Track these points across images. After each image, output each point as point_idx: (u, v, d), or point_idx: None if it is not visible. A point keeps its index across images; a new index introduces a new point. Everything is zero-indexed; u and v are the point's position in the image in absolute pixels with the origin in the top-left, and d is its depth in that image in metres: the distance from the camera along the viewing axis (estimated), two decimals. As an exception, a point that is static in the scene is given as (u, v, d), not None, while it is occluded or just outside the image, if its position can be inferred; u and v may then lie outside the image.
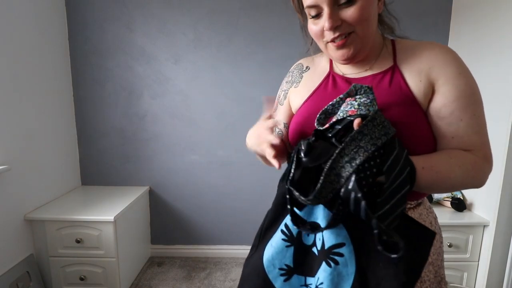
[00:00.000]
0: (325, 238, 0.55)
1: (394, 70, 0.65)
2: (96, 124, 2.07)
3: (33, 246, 1.67)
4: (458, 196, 1.79)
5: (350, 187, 0.47)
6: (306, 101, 0.72)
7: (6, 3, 1.48)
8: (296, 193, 0.51)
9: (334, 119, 0.55)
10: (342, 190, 0.48)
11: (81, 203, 1.82)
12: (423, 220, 0.67)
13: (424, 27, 1.96)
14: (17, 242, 1.57)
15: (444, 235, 1.65)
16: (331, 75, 0.72)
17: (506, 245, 1.55)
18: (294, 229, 0.58)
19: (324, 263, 0.54)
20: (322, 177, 0.48)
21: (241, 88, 2.04)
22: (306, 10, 0.63)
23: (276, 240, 0.59)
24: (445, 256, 1.77)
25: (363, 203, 0.46)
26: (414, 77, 0.63)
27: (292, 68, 0.82)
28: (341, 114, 0.54)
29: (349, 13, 0.59)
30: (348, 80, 0.69)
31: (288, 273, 0.58)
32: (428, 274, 0.66)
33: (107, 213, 1.65)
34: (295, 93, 0.76)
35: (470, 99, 0.61)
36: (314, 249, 0.57)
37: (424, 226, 0.54)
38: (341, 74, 0.71)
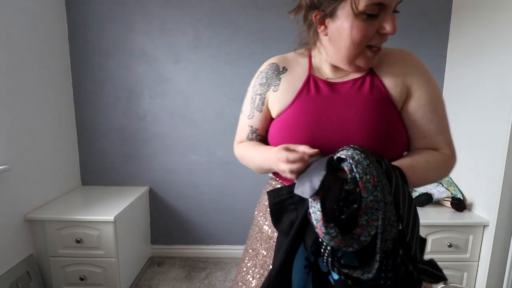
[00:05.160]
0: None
1: (372, 75, 0.69)
2: (96, 124, 2.07)
3: (33, 246, 1.67)
4: (458, 196, 1.79)
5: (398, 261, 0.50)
6: (289, 106, 0.71)
7: (6, 3, 1.48)
8: (354, 273, 0.51)
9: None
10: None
11: (81, 203, 1.82)
12: None
13: (424, 27, 1.95)
14: (17, 242, 1.57)
15: (444, 235, 1.65)
16: (312, 79, 0.71)
17: (506, 245, 1.55)
18: (311, 256, 0.57)
19: None
20: (377, 255, 0.49)
21: (241, 88, 2.04)
22: (368, 7, 0.58)
23: (300, 272, 0.58)
24: (445, 256, 1.77)
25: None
26: (391, 82, 0.68)
27: (264, 68, 0.77)
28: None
29: (394, 23, 0.61)
30: (330, 85, 0.70)
31: None
32: None
33: (107, 213, 1.65)
34: (275, 97, 0.73)
35: (438, 103, 0.69)
36: (330, 278, 0.57)
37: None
38: (323, 78, 0.71)
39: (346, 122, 0.65)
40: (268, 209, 0.76)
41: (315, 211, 0.51)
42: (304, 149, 0.60)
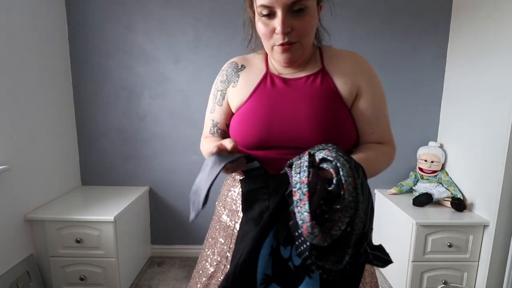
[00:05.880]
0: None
1: (324, 73, 0.74)
2: (96, 124, 2.07)
3: (33, 246, 1.67)
4: (458, 196, 1.79)
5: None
6: (247, 100, 0.75)
7: (6, 3, 1.48)
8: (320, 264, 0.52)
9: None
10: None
11: (81, 203, 1.82)
12: None
13: (424, 27, 1.95)
14: (17, 242, 1.57)
15: (444, 235, 1.65)
16: (269, 75, 0.76)
17: (506, 245, 1.55)
18: (275, 243, 0.59)
19: (306, 277, 0.56)
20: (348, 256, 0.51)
21: (241, 88, 2.04)
22: (258, 8, 0.66)
23: (266, 261, 0.59)
24: (445, 256, 1.77)
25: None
26: (340, 80, 0.73)
27: (225, 67, 0.83)
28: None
29: (300, 23, 0.65)
30: (284, 80, 0.75)
31: (265, 281, 0.59)
32: None
33: (107, 213, 1.65)
34: (234, 92, 0.78)
35: (382, 102, 0.76)
36: (290, 264, 0.58)
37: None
38: (277, 74, 0.76)
39: (298, 114, 0.69)
40: (227, 199, 0.83)
41: (302, 212, 0.51)
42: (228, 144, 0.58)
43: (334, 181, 0.52)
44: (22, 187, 1.60)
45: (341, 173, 0.51)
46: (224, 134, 0.84)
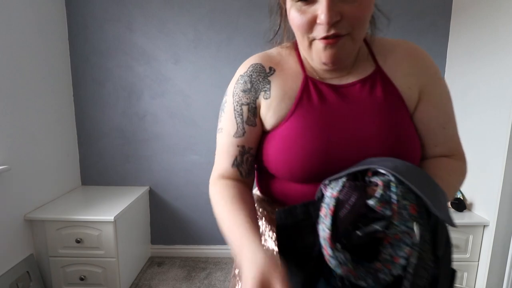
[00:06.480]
0: None
1: (382, 76, 0.57)
2: (96, 124, 2.07)
3: (33, 246, 1.67)
4: (458, 196, 1.79)
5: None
6: (287, 118, 0.56)
7: (6, 3, 1.48)
8: None
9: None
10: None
11: (81, 203, 1.82)
12: None
13: (424, 27, 1.95)
14: (17, 242, 1.57)
15: (444, 235, 1.65)
16: (310, 82, 0.57)
17: (506, 245, 1.55)
18: None
19: None
20: None
21: (241, 88, 2.04)
22: None
23: None
24: (445, 256, 1.74)
25: None
26: (402, 82, 0.57)
27: (245, 70, 0.60)
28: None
29: (352, 8, 0.47)
30: (334, 89, 0.56)
31: None
32: None
33: (107, 213, 1.65)
34: (268, 105, 0.58)
35: (448, 104, 0.60)
36: None
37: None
38: (318, 78, 0.58)
39: (363, 135, 0.54)
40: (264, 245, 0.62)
41: (324, 228, 0.42)
42: None
43: (378, 194, 0.40)
44: (22, 187, 1.60)
45: (393, 190, 0.40)
46: (253, 162, 0.63)
